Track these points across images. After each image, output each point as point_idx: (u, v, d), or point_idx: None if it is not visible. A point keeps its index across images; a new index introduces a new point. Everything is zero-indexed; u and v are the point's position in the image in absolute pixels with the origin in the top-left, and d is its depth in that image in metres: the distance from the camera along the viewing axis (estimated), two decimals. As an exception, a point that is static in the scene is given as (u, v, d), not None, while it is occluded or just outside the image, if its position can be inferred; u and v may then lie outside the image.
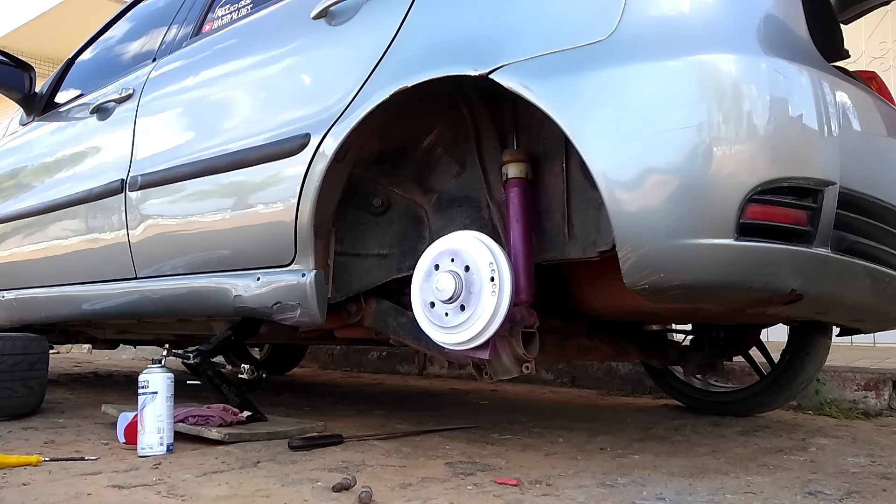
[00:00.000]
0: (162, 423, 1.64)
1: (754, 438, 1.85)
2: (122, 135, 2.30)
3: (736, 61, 1.26)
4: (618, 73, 1.29)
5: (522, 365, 1.48)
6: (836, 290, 1.39)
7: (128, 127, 2.28)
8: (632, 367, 2.92)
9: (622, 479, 1.37)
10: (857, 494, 1.28)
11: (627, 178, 1.26)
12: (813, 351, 2.09)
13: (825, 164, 1.28)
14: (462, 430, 1.97)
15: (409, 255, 1.73)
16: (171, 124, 2.17)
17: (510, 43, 1.42)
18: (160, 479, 1.39)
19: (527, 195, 1.53)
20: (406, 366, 3.93)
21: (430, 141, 1.75)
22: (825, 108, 1.30)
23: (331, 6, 1.78)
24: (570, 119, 1.31)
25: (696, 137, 1.22)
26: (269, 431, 1.84)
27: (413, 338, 1.69)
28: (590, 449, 1.70)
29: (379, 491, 1.27)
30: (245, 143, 1.89)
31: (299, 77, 1.86)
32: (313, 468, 1.48)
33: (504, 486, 1.32)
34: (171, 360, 1.88)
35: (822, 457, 1.61)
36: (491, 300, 1.40)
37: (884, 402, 2.33)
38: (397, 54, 1.61)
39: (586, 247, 1.49)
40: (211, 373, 2.07)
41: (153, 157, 2.16)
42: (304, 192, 1.69)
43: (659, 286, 1.27)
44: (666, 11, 1.32)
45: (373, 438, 1.83)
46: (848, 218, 1.33)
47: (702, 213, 1.23)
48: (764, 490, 1.30)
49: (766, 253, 1.25)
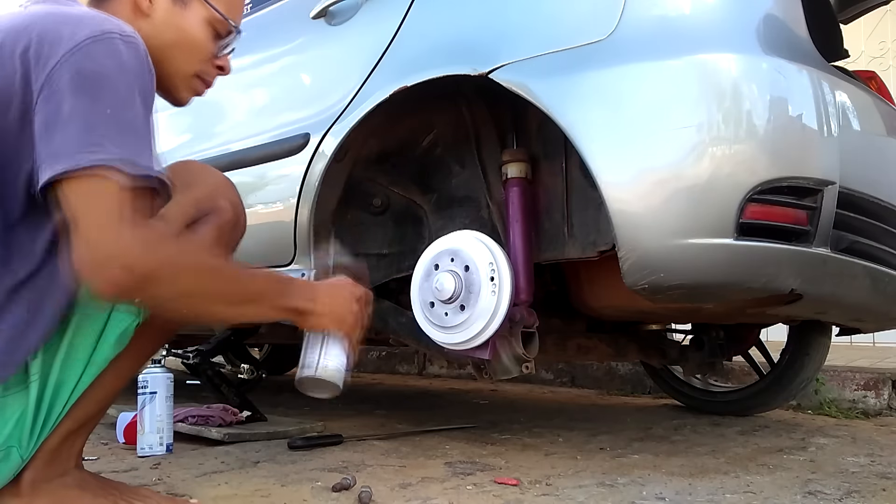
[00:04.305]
0: (161, 423, 1.64)
1: (754, 438, 1.85)
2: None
3: (736, 61, 1.26)
4: (618, 73, 1.29)
5: (522, 365, 1.48)
6: (836, 289, 1.38)
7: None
8: (631, 367, 2.92)
9: (622, 479, 1.37)
10: (857, 494, 1.28)
11: (627, 177, 1.26)
12: (812, 351, 2.09)
13: (825, 164, 1.28)
14: (462, 430, 1.97)
15: (409, 255, 1.73)
16: (169, 124, 2.17)
17: (509, 42, 1.42)
18: (160, 479, 1.39)
19: (526, 195, 1.53)
20: (406, 366, 3.93)
21: (429, 141, 1.75)
22: (825, 107, 1.30)
23: (330, 6, 1.78)
24: (569, 119, 1.31)
25: (696, 137, 1.22)
26: (269, 431, 1.84)
27: (413, 337, 1.68)
28: (589, 449, 1.70)
29: (378, 491, 1.27)
30: (244, 143, 1.89)
31: (298, 77, 1.86)
32: (313, 468, 1.48)
33: (504, 486, 1.32)
34: (170, 360, 1.88)
35: (821, 456, 1.61)
36: (490, 300, 1.40)
37: (883, 402, 2.33)
38: (397, 54, 1.61)
39: (586, 246, 1.49)
40: (211, 373, 2.07)
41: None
42: (304, 192, 1.69)
43: (658, 286, 1.27)
44: (666, 11, 1.32)
45: (372, 438, 1.82)
46: (847, 217, 1.33)
47: (701, 213, 1.23)
48: (764, 490, 1.30)
49: (766, 253, 1.25)
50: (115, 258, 0.84)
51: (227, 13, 1.11)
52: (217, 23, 1.10)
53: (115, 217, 0.85)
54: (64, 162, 0.84)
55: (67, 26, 0.88)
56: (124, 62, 0.89)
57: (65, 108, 0.85)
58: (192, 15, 1.08)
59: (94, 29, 0.88)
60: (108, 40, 0.88)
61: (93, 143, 0.85)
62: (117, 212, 0.85)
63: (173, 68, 1.08)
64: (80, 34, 0.87)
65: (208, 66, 1.12)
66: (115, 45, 0.89)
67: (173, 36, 1.06)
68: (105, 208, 0.85)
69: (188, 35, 1.08)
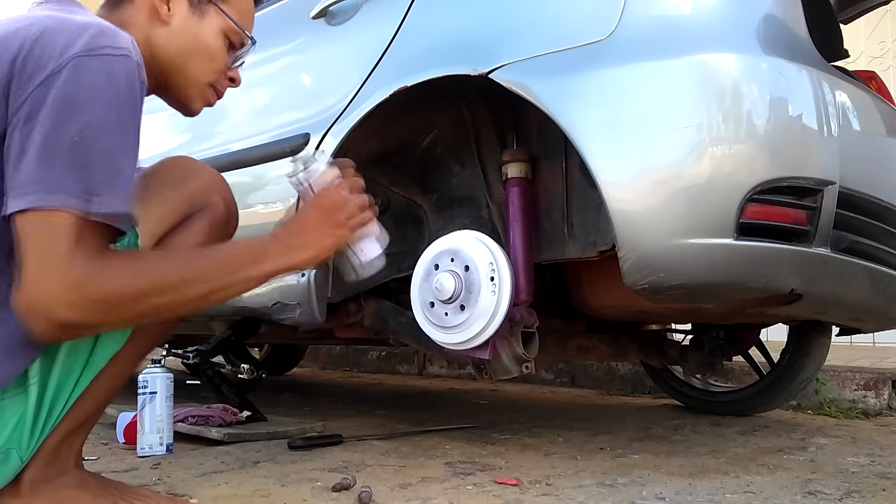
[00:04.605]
0: (161, 424, 1.64)
1: (754, 438, 1.85)
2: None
3: (736, 61, 1.26)
4: (618, 73, 1.29)
5: (522, 365, 1.48)
6: (836, 289, 1.38)
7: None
8: (631, 367, 2.92)
9: (622, 479, 1.37)
10: (857, 494, 1.28)
11: (627, 177, 1.26)
12: (812, 351, 2.09)
13: (825, 164, 1.28)
14: (462, 430, 1.97)
15: (409, 255, 1.73)
16: (170, 124, 2.17)
17: (509, 42, 1.42)
18: (160, 479, 1.39)
19: (526, 195, 1.53)
20: (406, 366, 3.93)
21: (429, 141, 1.74)
22: (825, 107, 1.30)
23: (330, 6, 1.78)
24: (569, 119, 1.31)
25: (696, 137, 1.22)
26: (269, 431, 1.84)
27: (413, 337, 1.68)
28: (589, 449, 1.70)
29: (378, 491, 1.27)
30: (244, 143, 1.89)
31: (298, 77, 1.86)
32: (313, 468, 1.48)
33: (504, 486, 1.32)
34: (170, 360, 1.88)
35: (821, 456, 1.61)
36: (490, 300, 1.40)
37: (883, 402, 2.33)
38: (396, 54, 1.61)
39: (586, 246, 1.49)
40: (211, 373, 2.07)
41: (151, 159, 2.15)
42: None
43: (658, 286, 1.27)
44: (666, 11, 1.32)
45: (372, 438, 1.82)
46: (847, 217, 1.33)
47: (701, 213, 1.23)
48: (764, 490, 1.30)
49: (766, 253, 1.25)
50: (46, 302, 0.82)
51: (242, 24, 1.11)
52: (232, 33, 1.10)
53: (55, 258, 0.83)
54: (18, 199, 0.83)
55: (63, 36, 0.86)
56: (111, 80, 0.86)
57: (34, 135, 0.83)
58: (208, 24, 1.08)
59: (86, 43, 0.86)
60: (99, 57, 0.86)
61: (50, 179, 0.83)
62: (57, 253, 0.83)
63: (189, 77, 1.08)
64: (72, 49, 0.85)
65: (222, 76, 1.12)
66: (104, 63, 0.86)
67: (190, 44, 1.06)
68: (46, 249, 0.83)
69: (204, 44, 1.07)
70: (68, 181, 0.84)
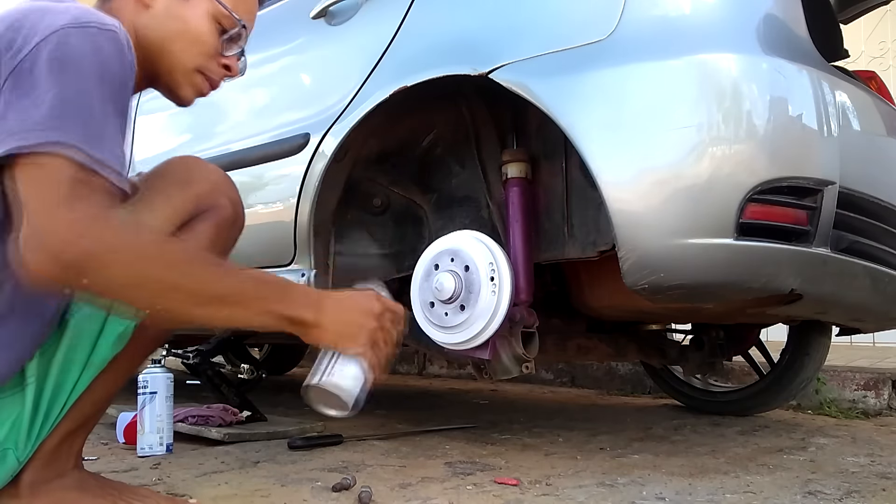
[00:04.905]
0: (161, 423, 1.64)
1: (754, 438, 1.85)
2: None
3: (736, 61, 1.26)
4: (618, 73, 1.29)
5: (522, 365, 1.48)
6: (836, 289, 1.38)
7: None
8: (631, 367, 2.92)
9: (622, 479, 1.37)
10: (857, 494, 1.28)
11: (627, 177, 1.26)
12: (812, 350, 2.09)
13: (825, 164, 1.28)
14: (461, 430, 1.97)
15: (409, 255, 1.73)
16: (170, 124, 2.17)
17: (509, 42, 1.42)
18: (160, 479, 1.39)
19: (526, 195, 1.53)
20: (406, 366, 3.93)
21: (429, 141, 1.75)
22: (825, 107, 1.30)
23: (330, 6, 1.78)
24: (569, 119, 1.31)
25: (696, 137, 1.22)
26: (269, 431, 1.84)
27: (413, 337, 1.68)
28: (589, 449, 1.70)
29: (378, 491, 1.27)
30: (244, 143, 1.89)
31: (298, 77, 1.86)
32: (313, 468, 1.48)
33: (504, 486, 1.32)
34: (170, 360, 1.88)
35: (821, 456, 1.61)
36: (490, 300, 1.40)
37: (883, 402, 2.33)
38: (396, 54, 1.61)
39: (586, 246, 1.49)
40: (211, 373, 2.07)
41: (151, 159, 2.15)
42: (304, 192, 1.69)
43: (658, 286, 1.27)
44: (666, 11, 1.32)
45: (372, 438, 1.82)
46: (847, 217, 1.33)
47: (701, 213, 1.23)
48: (763, 490, 1.30)
49: (766, 253, 1.25)
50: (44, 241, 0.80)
51: (235, 9, 1.08)
52: (222, 17, 1.07)
53: (55, 199, 0.81)
54: (17, 138, 0.81)
55: (48, 16, 0.87)
56: (98, 51, 0.86)
57: (27, 91, 0.83)
58: (194, 7, 1.06)
59: (73, 18, 0.86)
60: (85, 30, 0.86)
61: (48, 124, 0.82)
62: (57, 194, 0.81)
63: (173, 61, 1.06)
64: (58, 23, 0.85)
65: (212, 62, 1.09)
66: (91, 35, 0.86)
67: (174, 28, 1.04)
68: (48, 189, 0.81)
69: (189, 27, 1.05)
70: (66, 128, 0.83)
